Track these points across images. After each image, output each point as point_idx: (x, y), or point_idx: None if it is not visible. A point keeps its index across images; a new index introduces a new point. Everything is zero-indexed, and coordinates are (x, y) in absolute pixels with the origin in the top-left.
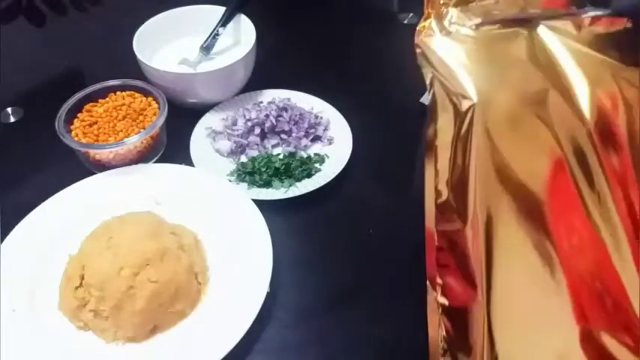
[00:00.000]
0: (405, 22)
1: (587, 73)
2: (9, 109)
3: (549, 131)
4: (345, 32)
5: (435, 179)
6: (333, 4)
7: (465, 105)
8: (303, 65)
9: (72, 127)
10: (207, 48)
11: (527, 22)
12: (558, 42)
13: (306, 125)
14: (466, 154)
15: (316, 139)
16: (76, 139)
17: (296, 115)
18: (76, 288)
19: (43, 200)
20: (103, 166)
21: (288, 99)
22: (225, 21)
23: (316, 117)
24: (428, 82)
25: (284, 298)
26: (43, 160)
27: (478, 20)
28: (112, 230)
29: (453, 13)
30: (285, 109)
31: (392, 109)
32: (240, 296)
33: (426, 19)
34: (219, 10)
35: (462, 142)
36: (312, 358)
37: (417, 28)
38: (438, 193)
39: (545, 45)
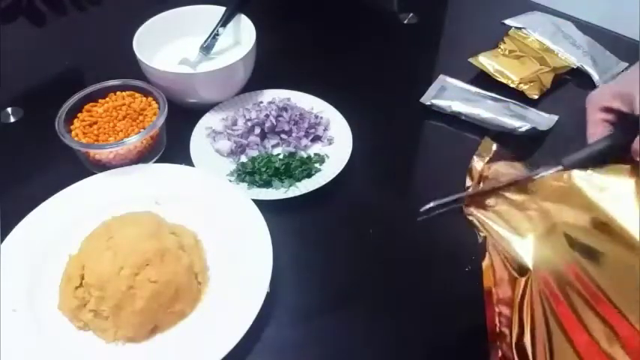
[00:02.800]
0: (405, 22)
1: None
2: (9, 109)
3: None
4: (345, 32)
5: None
6: (333, 3)
7: (521, 272)
8: (303, 65)
9: (72, 127)
10: (207, 48)
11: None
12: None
13: (306, 125)
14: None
15: (316, 139)
16: (76, 139)
17: (296, 115)
18: (76, 288)
19: (43, 200)
20: (103, 166)
21: (288, 99)
22: (225, 21)
23: (316, 117)
24: (480, 241)
25: (284, 298)
26: (43, 160)
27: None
28: (112, 230)
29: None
30: (285, 109)
31: (392, 109)
32: (240, 296)
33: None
34: (219, 10)
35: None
36: (312, 358)
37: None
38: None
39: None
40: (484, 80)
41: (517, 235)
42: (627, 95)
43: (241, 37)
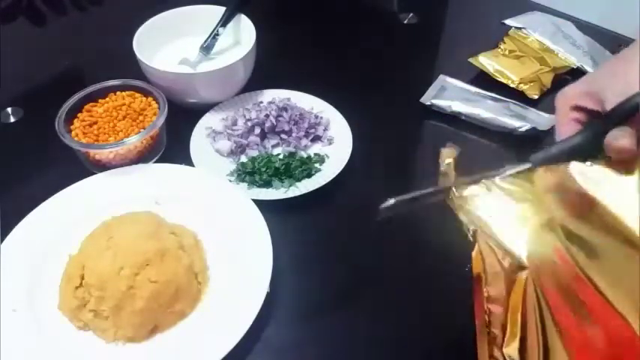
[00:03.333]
0: (405, 22)
1: None
2: (9, 109)
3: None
4: (345, 32)
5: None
6: (333, 4)
7: (515, 267)
8: (303, 65)
9: (72, 127)
10: (207, 48)
11: None
12: None
13: (306, 125)
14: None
15: (316, 139)
16: (76, 139)
17: (296, 115)
18: (76, 288)
19: (43, 200)
20: (103, 166)
21: (288, 99)
22: (225, 21)
23: (316, 117)
24: (470, 236)
25: (284, 298)
26: (43, 160)
27: None
28: (112, 230)
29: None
30: (285, 109)
31: (392, 109)
32: (240, 296)
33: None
34: (219, 10)
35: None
36: (312, 358)
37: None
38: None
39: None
40: (484, 80)
41: (511, 227)
42: (595, 93)
43: (241, 37)
